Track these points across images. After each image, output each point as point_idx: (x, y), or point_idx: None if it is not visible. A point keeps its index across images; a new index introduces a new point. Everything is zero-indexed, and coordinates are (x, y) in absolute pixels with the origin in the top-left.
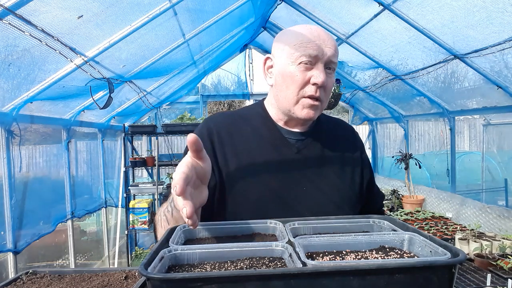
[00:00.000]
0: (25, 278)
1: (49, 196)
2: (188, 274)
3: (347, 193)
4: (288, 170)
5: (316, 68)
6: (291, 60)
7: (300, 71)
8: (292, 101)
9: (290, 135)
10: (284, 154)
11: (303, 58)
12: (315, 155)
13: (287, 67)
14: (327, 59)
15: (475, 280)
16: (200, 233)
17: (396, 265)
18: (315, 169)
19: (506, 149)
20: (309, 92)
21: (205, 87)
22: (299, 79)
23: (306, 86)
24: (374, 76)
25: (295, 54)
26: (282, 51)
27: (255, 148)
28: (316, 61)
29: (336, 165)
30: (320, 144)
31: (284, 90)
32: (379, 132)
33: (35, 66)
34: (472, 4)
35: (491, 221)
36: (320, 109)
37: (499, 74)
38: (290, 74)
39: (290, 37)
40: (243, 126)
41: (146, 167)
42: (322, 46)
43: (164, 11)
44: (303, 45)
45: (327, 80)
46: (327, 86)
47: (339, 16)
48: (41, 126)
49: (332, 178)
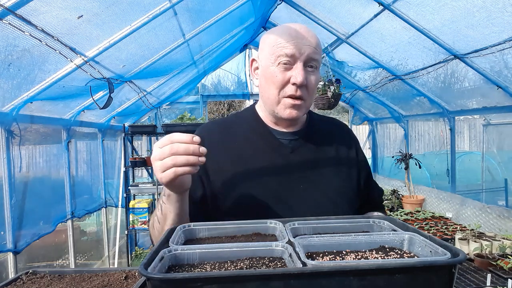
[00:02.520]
0: (25, 278)
1: (49, 196)
2: (188, 274)
3: (345, 190)
4: (285, 170)
5: (295, 68)
6: (271, 61)
7: (280, 71)
8: (275, 101)
9: (282, 136)
10: (279, 155)
11: (281, 59)
12: (310, 153)
13: (268, 68)
14: (306, 57)
15: (475, 280)
16: (200, 233)
17: (396, 265)
18: (312, 168)
19: (506, 149)
20: (289, 92)
21: (205, 87)
22: (279, 80)
23: (286, 86)
24: (374, 76)
25: (274, 55)
26: (263, 52)
27: (249, 152)
28: (294, 60)
29: (332, 163)
30: (314, 142)
31: (267, 91)
32: (379, 132)
33: (35, 66)
34: (472, 4)
35: (491, 221)
36: (304, 107)
37: (499, 74)
38: (271, 75)
39: (270, 38)
40: (235, 132)
41: (146, 167)
42: (300, 45)
43: (164, 11)
44: (281, 45)
45: (309, 78)
46: (309, 84)
47: (339, 16)
48: (41, 126)
49: (329, 176)
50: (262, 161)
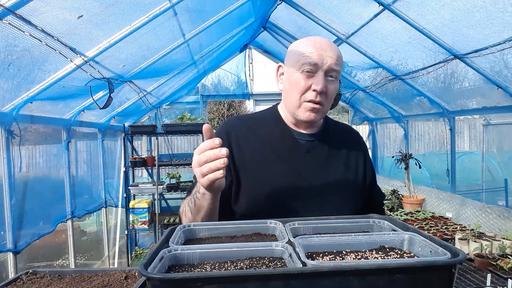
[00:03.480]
0: (25, 278)
1: (49, 196)
2: (188, 274)
3: (351, 187)
4: (299, 166)
5: (317, 76)
6: (296, 69)
7: (303, 78)
8: (296, 104)
9: (300, 137)
10: (295, 153)
11: (305, 67)
12: (323, 154)
13: (292, 75)
14: (328, 67)
15: (475, 280)
16: (200, 233)
17: (396, 265)
18: (322, 167)
19: (506, 149)
20: (309, 97)
21: (205, 87)
22: (302, 86)
23: (307, 91)
24: (374, 76)
25: (299, 63)
26: (290, 60)
27: (269, 148)
28: (317, 69)
29: (341, 163)
30: (327, 145)
31: (290, 95)
32: (379, 132)
33: (35, 66)
34: (472, 4)
35: (491, 221)
36: (322, 112)
37: (499, 74)
38: (295, 80)
39: (296, 47)
40: (258, 128)
41: (146, 167)
42: (323, 56)
43: (164, 11)
44: (306, 55)
45: (328, 86)
46: (328, 92)
47: (339, 16)
48: (41, 126)
49: (338, 175)
50: (280, 157)
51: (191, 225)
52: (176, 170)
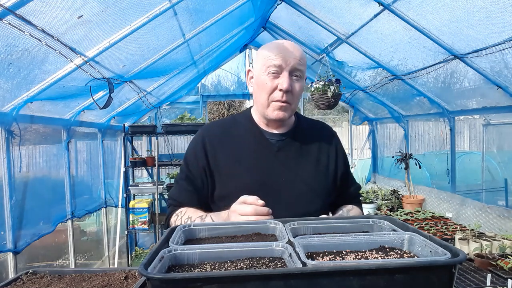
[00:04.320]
0: (25, 278)
1: (49, 196)
2: (188, 274)
3: (322, 182)
4: (270, 165)
5: (282, 76)
6: (262, 71)
7: (270, 79)
8: (265, 104)
9: (271, 136)
10: (266, 152)
11: (270, 69)
12: (294, 151)
13: (260, 77)
14: (291, 67)
15: (475, 280)
16: (200, 233)
17: (396, 265)
18: (293, 164)
19: (506, 149)
20: (276, 97)
21: (205, 87)
22: (269, 86)
23: (274, 92)
24: (374, 76)
25: (265, 66)
26: (257, 64)
27: (242, 149)
28: (281, 70)
29: (312, 160)
30: (298, 142)
31: (259, 96)
32: (379, 132)
33: (35, 66)
34: (472, 4)
35: (491, 221)
36: (290, 110)
37: (499, 74)
38: (262, 82)
39: (263, 52)
40: (232, 132)
41: (146, 167)
42: (287, 57)
43: (164, 11)
44: (271, 58)
45: (293, 85)
46: (294, 90)
47: (339, 16)
48: (41, 126)
49: (309, 170)
50: (252, 157)
51: (191, 225)
52: (176, 170)
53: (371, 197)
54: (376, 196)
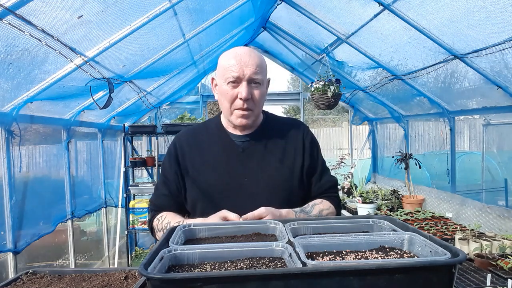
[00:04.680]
0: (25, 278)
1: (49, 196)
2: (188, 274)
3: (287, 176)
4: (234, 166)
5: (241, 86)
6: (223, 81)
7: (230, 89)
8: (228, 112)
9: (237, 138)
10: (231, 154)
11: (230, 79)
12: (258, 151)
13: (221, 86)
14: (248, 77)
15: (475, 280)
16: (200, 233)
17: (396, 265)
18: (258, 162)
19: (506, 149)
20: (238, 105)
21: (205, 87)
22: (229, 95)
23: (235, 100)
24: (374, 76)
25: (224, 76)
26: (218, 72)
27: (209, 152)
28: (240, 80)
29: (277, 155)
30: (263, 141)
31: (222, 104)
32: (379, 132)
33: (35, 66)
34: (472, 4)
35: (491, 221)
36: (253, 116)
37: (499, 74)
38: (224, 92)
39: (222, 61)
40: (201, 137)
41: (146, 167)
42: (243, 68)
43: (164, 11)
44: (229, 69)
45: (253, 92)
46: (254, 97)
47: (339, 16)
48: (41, 126)
49: (272, 166)
50: (218, 159)
51: (191, 225)
52: None
53: (371, 197)
54: (376, 196)
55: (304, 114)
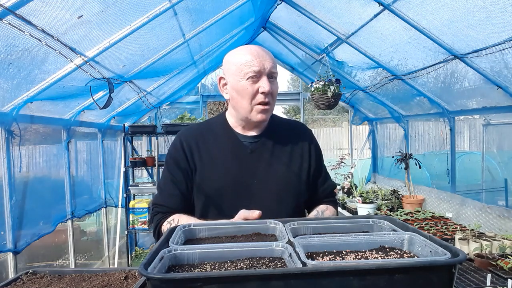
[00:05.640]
0: (25, 278)
1: (49, 196)
2: (188, 274)
3: (294, 180)
4: (244, 167)
5: (262, 80)
6: (240, 77)
7: (249, 84)
8: (248, 109)
9: (245, 139)
10: (240, 154)
11: (250, 74)
12: (267, 152)
13: (238, 83)
14: (268, 71)
15: (475, 280)
16: (200, 233)
17: (396, 265)
18: (266, 164)
19: (506, 149)
20: (259, 99)
21: (205, 87)
22: (249, 91)
23: (256, 95)
24: (374, 76)
25: (242, 72)
26: (230, 70)
27: (216, 152)
28: (260, 74)
29: (285, 159)
30: (271, 143)
31: (240, 102)
32: (379, 132)
33: (35, 66)
34: (472, 4)
35: (491, 221)
36: (270, 111)
37: (499, 74)
38: (242, 88)
39: (235, 58)
40: (207, 135)
41: (146, 167)
42: (263, 62)
43: (164, 11)
44: (247, 64)
45: (272, 87)
46: (273, 92)
47: (339, 16)
48: (41, 126)
49: (280, 169)
50: (227, 159)
51: (191, 225)
52: None
53: (371, 197)
54: (376, 196)
55: (304, 114)
